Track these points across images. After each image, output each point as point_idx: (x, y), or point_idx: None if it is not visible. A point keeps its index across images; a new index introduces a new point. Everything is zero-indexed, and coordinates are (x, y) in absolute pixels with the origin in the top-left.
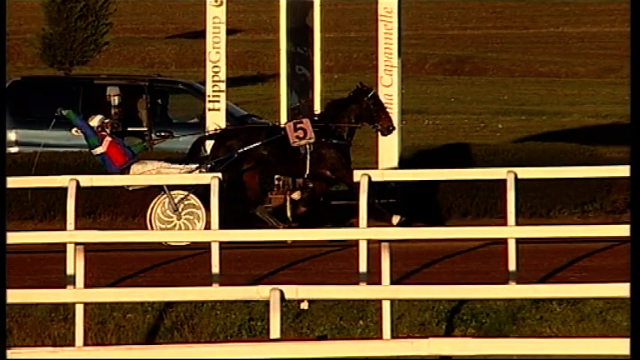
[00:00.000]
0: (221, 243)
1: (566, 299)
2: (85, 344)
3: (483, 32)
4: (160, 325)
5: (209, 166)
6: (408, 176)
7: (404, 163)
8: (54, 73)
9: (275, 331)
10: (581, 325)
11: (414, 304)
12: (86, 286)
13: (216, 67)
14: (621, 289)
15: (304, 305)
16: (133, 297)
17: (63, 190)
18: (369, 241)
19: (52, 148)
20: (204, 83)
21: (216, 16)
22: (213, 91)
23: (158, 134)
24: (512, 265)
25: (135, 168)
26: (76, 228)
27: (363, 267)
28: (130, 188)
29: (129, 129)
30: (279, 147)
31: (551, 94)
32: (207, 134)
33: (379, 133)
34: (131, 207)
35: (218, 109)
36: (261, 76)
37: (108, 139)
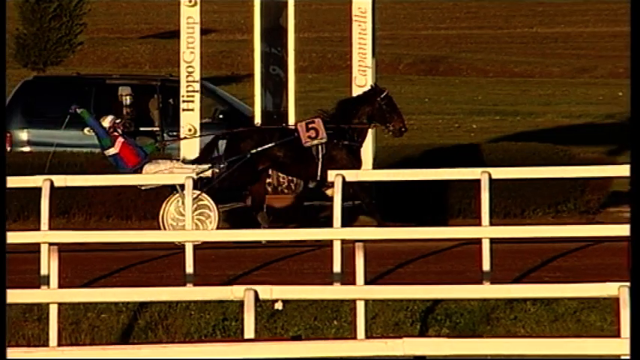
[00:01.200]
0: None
1: (540, 299)
2: (59, 344)
3: (457, 32)
4: (134, 325)
5: (222, 166)
6: (382, 176)
7: (378, 164)
8: (65, 73)
9: (249, 331)
10: (555, 325)
11: (388, 304)
12: (60, 286)
13: (190, 67)
14: (595, 289)
15: (278, 305)
16: (107, 297)
17: (37, 191)
18: (344, 241)
19: (65, 148)
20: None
21: (190, 16)
22: (187, 92)
23: (170, 134)
24: (486, 265)
25: (147, 168)
26: (50, 228)
27: (337, 267)
28: (143, 188)
29: (141, 129)
30: (292, 148)
31: (525, 94)
32: (221, 134)
33: (391, 134)
34: (105, 207)
35: (192, 110)
36: (235, 76)
37: (120, 139)
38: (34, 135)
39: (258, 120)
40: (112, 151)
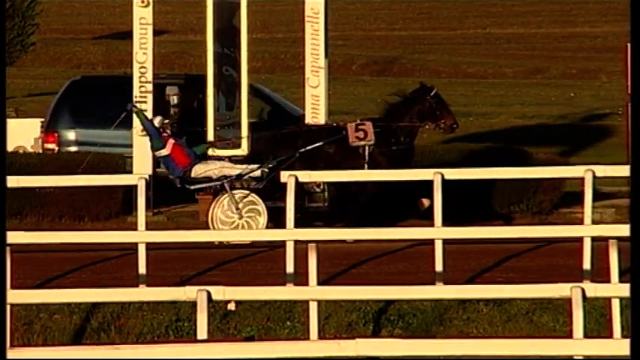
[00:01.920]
0: (148, 244)
1: (493, 300)
2: (12, 345)
3: (410, 33)
4: (86, 326)
5: (270, 165)
6: (334, 177)
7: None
8: (113, 73)
9: (202, 332)
10: (508, 326)
11: (341, 304)
12: (12, 287)
13: (143, 67)
14: (547, 290)
15: (231, 306)
16: (59, 298)
17: None
18: (296, 242)
19: (112, 148)
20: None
21: (142, 17)
22: (140, 92)
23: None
24: (439, 266)
25: (197, 168)
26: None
27: (290, 268)
28: (192, 187)
29: (187, 129)
30: (340, 147)
31: (478, 95)
32: (267, 133)
33: (442, 132)
34: (58, 208)
35: (145, 110)
36: None
37: (171, 141)
38: (81, 135)
39: (211, 121)
40: (163, 152)
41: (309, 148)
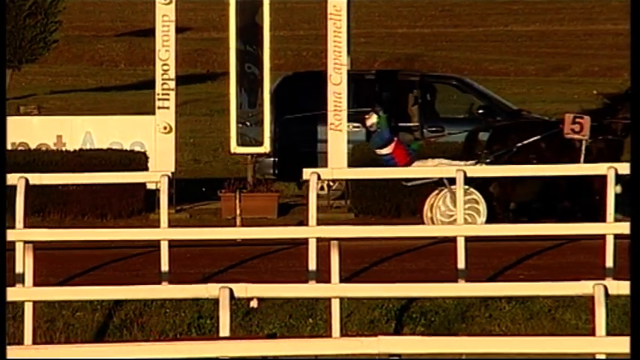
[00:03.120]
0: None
1: (516, 297)
2: (34, 343)
3: (432, 30)
4: (109, 323)
5: (488, 160)
6: (358, 174)
7: (353, 162)
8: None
9: (224, 329)
10: (530, 324)
11: (364, 302)
12: (35, 284)
13: (165, 65)
14: (570, 288)
15: (254, 303)
16: (82, 295)
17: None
18: (319, 240)
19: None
20: (154, 81)
21: (165, 14)
22: (163, 89)
23: (429, 130)
24: (461, 264)
25: (415, 165)
26: (25, 226)
27: (312, 265)
28: (409, 184)
29: (399, 124)
30: (556, 141)
31: (500, 93)
32: (481, 128)
33: None
34: (80, 205)
35: (167, 108)
36: (210, 74)
37: (394, 139)
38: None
39: (233, 118)
40: (385, 150)
41: (526, 142)
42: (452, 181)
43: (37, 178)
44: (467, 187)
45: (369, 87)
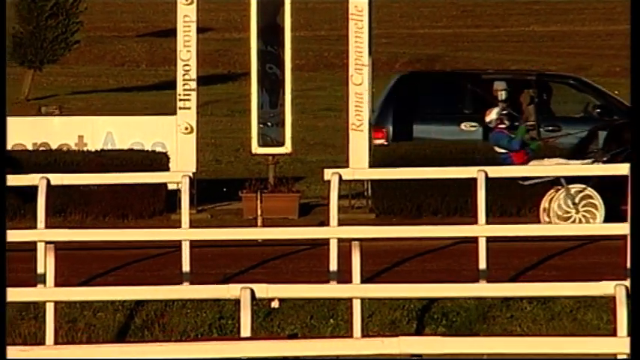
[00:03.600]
0: (191, 241)
1: (537, 298)
2: (56, 343)
3: (454, 31)
4: (130, 323)
5: (604, 159)
6: (379, 175)
7: (374, 162)
8: (441, 69)
9: (245, 329)
10: (552, 324)
11: (385, 302)
12: (56, 284)
13: (186, 65)
14: (591, 288)
15: (275, 304)
16: (103, 296)
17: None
18: (340, 240)
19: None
20: (176, 82)
21: (186, 15)
22: (184, 90)
23: (546, 129)
24: (482, 264)
25: (532, 164)
26: (47, 227)
27: (333, 266)
28: (526, 183)
29: (515, 124)
30: None
31: None
32: (599, 127)
33: None
34: (102, 206)
35: (189, 108)
36: (231, 74)
37: (521, 151)
38: (418, 130)
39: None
40: (504, 149)
41: None
42: (569, 180)
43: (58, 179)
44: (584, 186)
45: (485, 87)
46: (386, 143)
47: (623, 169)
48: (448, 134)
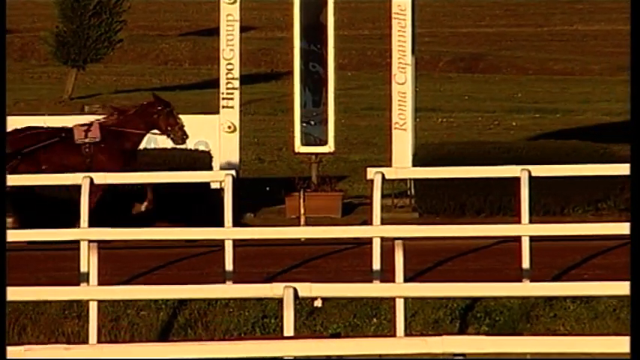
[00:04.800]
0: (235, 240)
1: (580, 297)
2: (99, 341)
3: (497, 30)
4: (173, 322)
5: None
6: (422, 174)
7: (417, 161)
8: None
9: (289, 328)
10: (595, 323)
11: (428, 301)
12: (99, 283)
13: (229, 64)
14: None
15: (318, 303)
16: (146, 294)
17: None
18: (383, 239)
19: None
20: (218, 80)
21: (229, 14)
22: (227, 89)
23: None
24: (525, 263)
25: None
26: (90, 225)
27: (376, 265)
28: None
29: None
30: None
31: (564, 92)
32: None
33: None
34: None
35: (232, 107)
36: (274, 73)
37: None
38: None
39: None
40: None
41: None
42: None
43: (101, 178)
44: None
45: None
46: None
47: None
48: None
